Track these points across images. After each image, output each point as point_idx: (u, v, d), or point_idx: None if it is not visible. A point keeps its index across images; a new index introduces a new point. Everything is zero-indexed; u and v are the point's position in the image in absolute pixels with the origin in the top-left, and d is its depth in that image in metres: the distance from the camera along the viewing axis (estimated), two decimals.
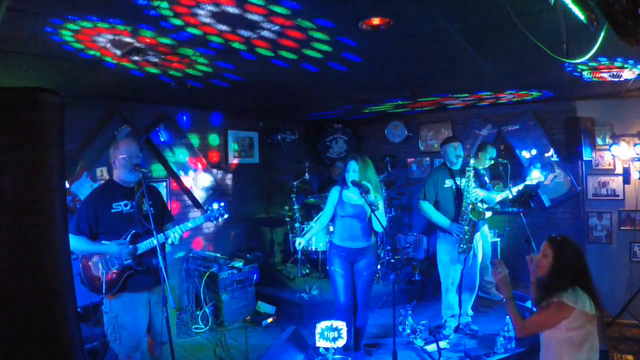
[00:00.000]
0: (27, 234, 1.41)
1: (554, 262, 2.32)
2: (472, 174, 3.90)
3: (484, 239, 4.81)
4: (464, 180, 3.95)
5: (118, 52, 2.86)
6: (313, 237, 5.37)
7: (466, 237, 3.87)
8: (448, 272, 4.07)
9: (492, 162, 4.66)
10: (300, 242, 3.78)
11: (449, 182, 4.05)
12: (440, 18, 2.39)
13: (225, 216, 3.02)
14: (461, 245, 3.89)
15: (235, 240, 5.95)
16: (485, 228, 4.86)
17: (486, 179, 4.39)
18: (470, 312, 4.25)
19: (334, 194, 3.73)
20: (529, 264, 2.54)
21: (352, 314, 3.73)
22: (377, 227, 3.53)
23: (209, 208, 3.01)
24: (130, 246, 2.74)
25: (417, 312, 4.52)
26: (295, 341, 3.70)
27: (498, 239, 5.50)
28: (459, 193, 3.99)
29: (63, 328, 1.47)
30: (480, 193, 3.96)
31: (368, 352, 3.88)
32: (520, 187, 4.58)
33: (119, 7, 2.17)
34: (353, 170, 3.54)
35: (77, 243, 2.66)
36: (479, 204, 3.87)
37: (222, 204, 3.02)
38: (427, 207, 4.08)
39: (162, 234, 2.78)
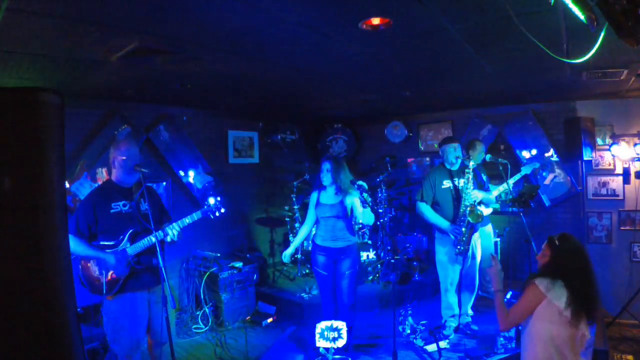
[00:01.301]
0: (27, 234, 1.40)
1: (549, 261, 2.33)
2: (471, 175, 3.87)
3: (487, 238, 4.81)
4: (462, 181, 3.93)
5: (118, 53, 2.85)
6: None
7: (463, 238, 3.85)
8: (447, 273, 4.06)
9: (484, 159, 4.64)
10: (285, 255, 3.85)
11: (447, 183, 4.02)
12: (440, 18, 2.39)
13: (222, 210, 3.00)
14: (458, 247, 3.87)
15: (235, 240, 5.95)
16: (489, 227, 4.86)
17: (483, 177, 4.40)
18: (470, 312, 4.23)
19: (312, 197, 3.80)
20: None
21: (335, 312, 3.76)
22: (368, 220, 3.63)
23: (206, 203, 3.01)
24: (127, 255, 2.75)
25: (417, 312, 4.52)
26: (295, 341, 3.71)
27: (498, 239, 5.50)
28: (457, 194, 3.97)
29: (63, 328, 1.47)
30: (479, 195, 3.94)
31: (365, 350, 3.88)
32: (516, 178, 4.58)
33: None
34: (327, 170, 3.63)
35: (76, 245, 2.64)
36: (478, 207, 3.85)
37: (219, 198, 3.02)
38: (424, 208, 4.06)
39: (160, 231, 2.79)
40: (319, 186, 3.76)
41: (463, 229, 3.84)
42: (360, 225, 5.34)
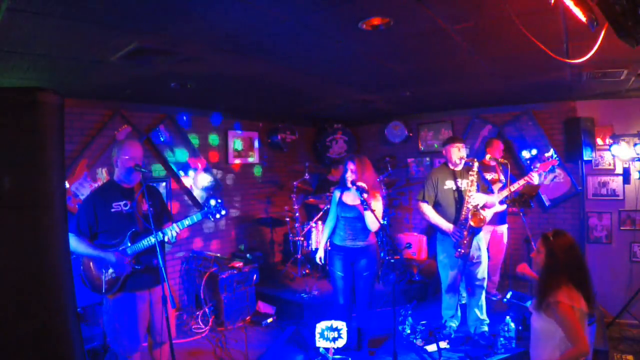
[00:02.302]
0: (27, 234, 1.41)
1: (546, 258, 2.33)
2: (475, 178, 3.77)
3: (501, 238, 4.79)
4: (465, 182, 3.85)
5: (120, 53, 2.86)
6: (312, 237, 5.40)
7: (464, 241, 3.76)
8: (448, 274, 4.01)
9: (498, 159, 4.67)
10: (320, 257, 3.79)
11: (449, 184, 3.94)
12: (440, 18, 2.39)
13: (223, 212, 3.00)
14: (459, 250, 3.78)
15: (235, 240, 5.95)
16: (504, 228, 4.84)
17: (502, 177, 4.39)
18: (486, 319, 4.02)
19: (335, 195, 3.76)
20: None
21: (350, 314, 3.73)
22: (370, 226, 3.55)
23: (206, 205, 3.01)
24: (128, 255, 2.75)
25: (417, 312, 4.52)
26: (295, 341, 3.71)
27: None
28: (460, 195, 3.88)
29: (63, 328, 1.47)
30: (482, 198, 3.80)
31: (371, 351, 3.88)
32: (521, 182, 4.59)
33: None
34: (351, 171, 3.57)
35: (77, 244, 2.67)
36: (481, 211, 3.72)
37: (220, 200, 3.02)
38: (426, 209, 3.99)
39: (160, 232, 2.79)
40: (343, 185, 3.69)
41: (464, 232, 3.74)
42: None
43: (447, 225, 3.86)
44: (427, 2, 2.18)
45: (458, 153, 3.92)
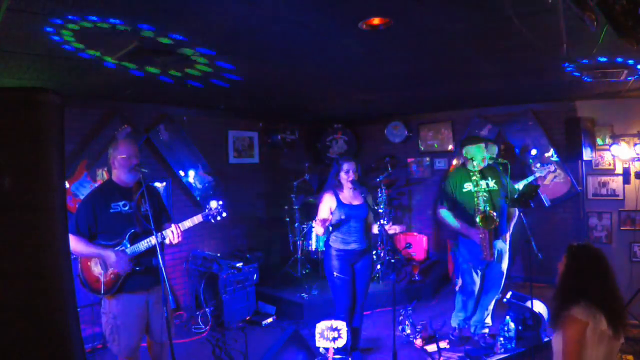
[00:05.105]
0: (27, 234, 1.40)
1: (565, 269, 2.22)
2: (477, 177, 3.74)
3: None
4: (485, 183, 3.76)
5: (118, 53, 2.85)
6: (312, 237, 5.39)
7: (484, 244, 3.65)
8: (465, 278, 3.94)
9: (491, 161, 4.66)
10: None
11: (468, 186, 3.80)
12: (440, 18, 2.40)
13: (224, 214, 3.00)
14: (483, 254, 3.67)
15: (235, 240, 5.95)
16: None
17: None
18: (489, 321, 4.01)
19: (329, 199, 3.62)
20: None
21: (350, 314, 3.73)
22: (375, 229, 3.60)
23: (207, 207, 3.00)
24: (127, 255, 2.74)
25: (417, 312, 4.52)
26: (295, 341, 3.70)
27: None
28: (480, 197, 3.74)
29: (63, 328, 1.47)
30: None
31: (365, 351, 3.88)
32: (530, 179, 4.59)
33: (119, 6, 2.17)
34: (352, 171, 3.57)
35: (75, 244, 2.63)
36: (491, 211, 3.63)
37: (221, 202, 3.02)
38: (445, 215, 3.88)
39: (160, 234, 2.78)
40: (335, 186, 3.63)
41: (481, 236, 3.64)
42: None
43: (467, 229, 3.77)
44: (427, 2, 2.18)
45: (482, 153, 3.82)
